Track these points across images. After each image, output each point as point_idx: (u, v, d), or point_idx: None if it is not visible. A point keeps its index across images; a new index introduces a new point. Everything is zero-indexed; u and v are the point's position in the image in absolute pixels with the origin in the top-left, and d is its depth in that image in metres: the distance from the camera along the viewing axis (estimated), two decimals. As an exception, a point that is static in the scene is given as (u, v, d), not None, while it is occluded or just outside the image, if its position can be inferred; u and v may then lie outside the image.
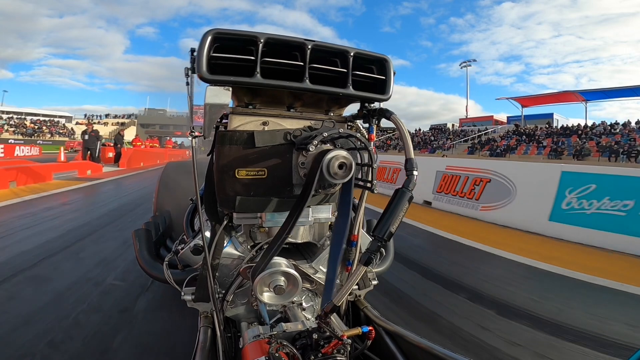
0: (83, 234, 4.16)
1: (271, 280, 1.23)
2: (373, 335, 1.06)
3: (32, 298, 2.45)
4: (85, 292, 2.57)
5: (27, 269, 2.98)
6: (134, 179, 10.89)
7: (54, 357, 1.81)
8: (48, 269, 3.01)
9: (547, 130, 27.89)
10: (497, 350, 2.00)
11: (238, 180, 1.18)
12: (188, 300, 1.38)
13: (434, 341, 1.18)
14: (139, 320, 2.22)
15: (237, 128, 1.22)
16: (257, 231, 1.41)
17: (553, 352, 2.00)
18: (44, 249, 3.52)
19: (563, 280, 3.22)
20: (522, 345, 2.05)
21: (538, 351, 2.00)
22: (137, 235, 1.89)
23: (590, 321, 2.38)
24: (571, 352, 2.02)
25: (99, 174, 11.32)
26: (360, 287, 1.63)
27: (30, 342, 1.90)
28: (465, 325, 2.28)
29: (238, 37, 1.03)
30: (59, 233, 4.13)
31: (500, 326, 2.28)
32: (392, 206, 0.99)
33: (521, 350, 2.00)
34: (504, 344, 2.06)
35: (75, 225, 4.60)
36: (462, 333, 2.19)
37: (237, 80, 1.03)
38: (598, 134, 24.72)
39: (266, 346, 0.98)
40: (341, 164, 1.05)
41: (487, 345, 2.04)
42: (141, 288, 2.69)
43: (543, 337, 2.16)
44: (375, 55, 1.20)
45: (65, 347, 1.90)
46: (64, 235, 4.09)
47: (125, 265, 3.18)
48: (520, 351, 1.99)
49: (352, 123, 1.39)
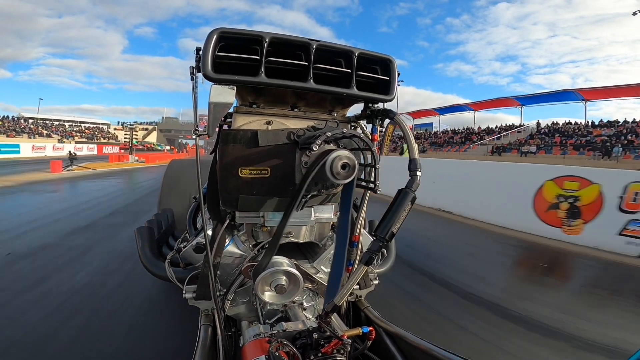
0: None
1: (273, 279, 1.23)
2: (373, 336, 1.06)
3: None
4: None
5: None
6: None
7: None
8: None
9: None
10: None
11: (241, 179, 1.18)
12: (189, 298, 1.39)
13: (435, 342, 1.17)
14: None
15: (241, 127, 1.22)
16: (259, 230, 1.41)
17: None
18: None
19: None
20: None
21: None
22: (140, 233, 1.89)
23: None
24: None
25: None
26: (361, 287, 1.63)
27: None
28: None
29: (243, 36, 1.03)
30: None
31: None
32: (395, 207, 0.99)
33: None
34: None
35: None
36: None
37: (241, 79, 1.03)
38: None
39: (266, 345, 0.98)
40: (344, 164, 1.05)
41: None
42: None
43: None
44: (380, 56, 1.20)
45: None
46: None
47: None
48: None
49: (356, 123, 1.39)
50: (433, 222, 6.15)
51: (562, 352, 2.16)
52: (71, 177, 11.45)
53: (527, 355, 2.09)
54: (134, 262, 3.14)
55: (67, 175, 12.06)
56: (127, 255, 3.53)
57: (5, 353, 1.92)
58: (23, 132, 33.34)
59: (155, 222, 2.26)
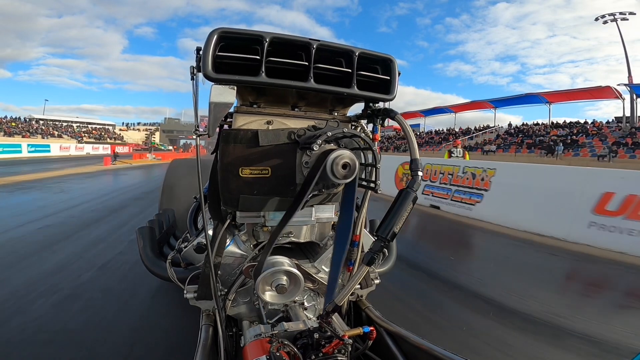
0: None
1: (274, 279, 1.23)
2: (374, 336, 1.06)
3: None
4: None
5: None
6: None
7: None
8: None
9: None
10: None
11: (242, 178, 1.18)
12: (190, 298, 1.39)
13: (436, 343, 1.17)
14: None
15: (242, 127, 1.22)
16: (260, 230, 1.41)
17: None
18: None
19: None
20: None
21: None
22: (141, 233, 1.89)
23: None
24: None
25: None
26: (362, 287, 1.62)
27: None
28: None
29: (244, 36, 1.03)
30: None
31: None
32: (396, 207, 0.99)
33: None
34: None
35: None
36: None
37: (242, 79, 1.03)
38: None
39: (267, 345, 0.98)
40: (345, 163, 1.05)
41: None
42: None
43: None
44: (380, 55, 1.19)
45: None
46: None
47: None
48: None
49: (356, 123, 1.39)
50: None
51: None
52: (121, 168, 16.39)
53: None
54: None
55: (116, 167, 17.00)
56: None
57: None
58: (36, 133, 36.76)
59: (156, 222, 2.26)
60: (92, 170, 13.95)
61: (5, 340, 1.99)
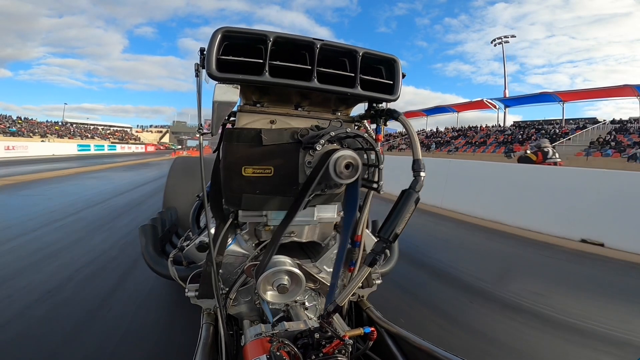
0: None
1: (275, 279, 1.23)
2: (375, 337, 1.05)
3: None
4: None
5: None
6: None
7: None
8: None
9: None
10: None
11: (244, 177, 1.18)
12: (191, 297, 1.39)
13: (437, 344, 1.17)
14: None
15: (245, 126, 1.22)
16: (262, 229, 1.41)
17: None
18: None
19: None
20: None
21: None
22: (143, 230, 1.89)
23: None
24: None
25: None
26: (364, 287, 1.62)
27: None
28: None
29: (247, 35, 1.03)
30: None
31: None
32: (399, 207, 0.98)
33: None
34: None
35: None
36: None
37: (245, 78, 1.03)
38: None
39: (267, 345, 0.98)
40: (348, 163, 1.04)
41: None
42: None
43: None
44: (384, 56, 1.19)
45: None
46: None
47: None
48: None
49: (360, 123, 1.38)
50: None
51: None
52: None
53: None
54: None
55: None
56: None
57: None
58: (75, 135, 44.85)
59: (159, 220, 2.26)
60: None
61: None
